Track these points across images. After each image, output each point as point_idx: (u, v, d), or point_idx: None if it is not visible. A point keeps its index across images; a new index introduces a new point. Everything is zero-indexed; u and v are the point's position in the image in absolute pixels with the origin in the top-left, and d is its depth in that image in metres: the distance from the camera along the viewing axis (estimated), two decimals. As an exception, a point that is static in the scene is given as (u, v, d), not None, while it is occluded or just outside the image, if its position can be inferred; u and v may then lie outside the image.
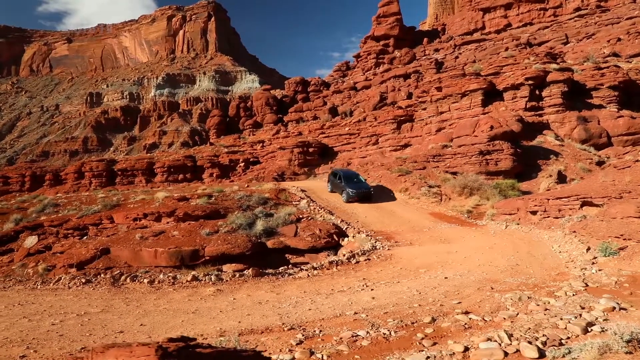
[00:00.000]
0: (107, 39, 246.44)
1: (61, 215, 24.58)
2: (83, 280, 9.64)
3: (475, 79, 35.43)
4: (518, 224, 16.00)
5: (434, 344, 4.87)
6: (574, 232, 12.19)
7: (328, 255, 16.92)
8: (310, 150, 57.56)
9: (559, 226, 13.75)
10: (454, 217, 19.91)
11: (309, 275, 10.22)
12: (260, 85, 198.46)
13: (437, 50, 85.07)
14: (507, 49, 71.01)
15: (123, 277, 10.21)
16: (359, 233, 17.85)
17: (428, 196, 23.48)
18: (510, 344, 4.86)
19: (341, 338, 5.10)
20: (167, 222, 19.21)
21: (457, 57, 76.90)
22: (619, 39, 54.14)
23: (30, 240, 21.92)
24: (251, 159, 66.05)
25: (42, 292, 8.62)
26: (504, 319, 5.60)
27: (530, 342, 4.85)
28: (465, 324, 5.54)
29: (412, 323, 5.71)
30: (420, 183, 24.86)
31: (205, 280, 9.92)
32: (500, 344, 4.86)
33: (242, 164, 66.01)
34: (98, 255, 17.76)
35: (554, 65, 35.55)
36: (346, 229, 18.39)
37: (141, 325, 6.25)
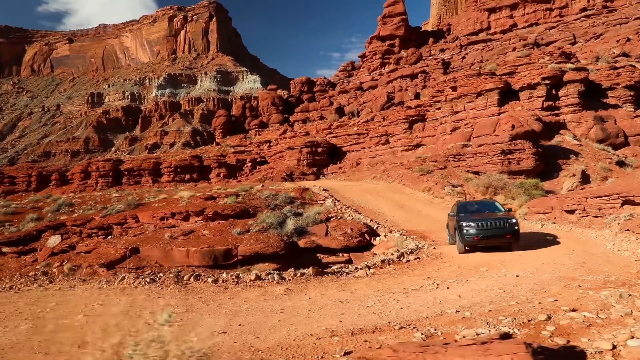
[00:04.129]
0: (108, 39, 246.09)
1: (84, 215, 24.39)
2: (147, 280, 9.50)
3: (491, 78, 35.33)
4: (554, 223, 15.89)
5: (567, 341, 4.73)
6: (627, 230, 12.09)
7: (362, 254, 16.77)
8: (319, 150, 57.43)
9: (604, 225, 13.67)
10: (482, 217, 19.75)
11: (368, 274, 10.07)
12: (261, 86, 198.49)
13: (443, 50, 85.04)
14: (514, 49, 71.03)
15: (186, 277, 10.07)
16: (390, 232, 17.69)
17: (452, 195, 23.37)
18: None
19: (464, 336, 4.97)
20: (196, 222, 19.04)
21: (464, 58, 76.88)
22: (629, 39, 54.14)
23: (54, 240, 21.72)
24: (258, 159, 65.94)
25: (111, 291, 8.46)
26: (621, 316, 5.48)
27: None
28: (583, 321, 5.42)
29: (529, 321, 5.58)
30: (443, 182, 24.75)
31: (268, 279, 9.77)
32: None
33: (249, 164, 65.87)
34: (128, 254, 17.61)
35: (570, 65, 35.47)
36: (377, 228, 18.24)
37: (240, 325, 6.10)
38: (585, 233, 13.78)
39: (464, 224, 12.71)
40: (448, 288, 8.08)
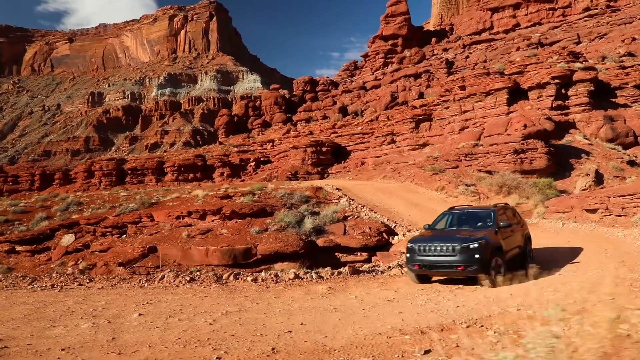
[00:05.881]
0: (108, 39, 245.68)
1: (96, 214, 24.29)
2: (187, 279, 9.41)
3: (500, 77, 35.29)
4: (575, 222, 15.84)
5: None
6: (658, 229, 12.08)
7: (388, 253, 16.72)
8: (324, 149, 57.37)
9: (629, 224, 13.61)
10: (498, 216, 19.71)
11: (403, 273, 9.99)
12: (262, 85, 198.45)
13: (446, 50, 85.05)
14: (518, 48, 71.06)
15: (226, 275, 9.99)
16: (409, 231, 17.62)
17: (466, 194, 23.30)
18: None
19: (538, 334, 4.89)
20: (212, 220, 18.93)
21: (467, 57, 76.88)
22: (634, 39, 54.14)
23: (67, 239, 21.61)
24: (262, 159, 65.87)
25: (154, 290, 8.37)
26: None
27: None
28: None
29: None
30: (456, 182, 24.68)
31: (307, 277, 9.70)
32: None
33: (252, 164, 65.79)
34: (145, 253, 17.52)
35: (579, 64, 35.45)
36: (394, 227, 18.16)
37: (302, 324, 6.02)
38: (611, 232, 13.73)
39: (409, 245, 9.81)
40: (493, 287, 8.04)
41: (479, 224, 10.56)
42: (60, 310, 6.70)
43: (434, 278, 9.89)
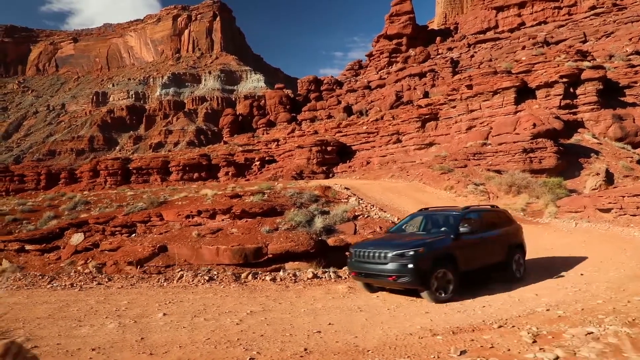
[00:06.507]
0: (112, 39, 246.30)
1: (105, 213, 24.30)
2: (206, 278, 9.40)
3: (508, 76, 35.13)
4: (589, 222, 15.74)
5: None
6: (677, 229, 11.97)
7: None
8: (329, 149, 57.35)
9: (646, 224, 13.53)
10: (509, 215, 19.62)
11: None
12: (265, 85, 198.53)
13: (450, 49, 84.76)
14: (524, 47, 70.74)
15: (244, 275, 9.97)
16: (420, 231, 17.49)
17: (475, 194, 23.21)
18: None
19: (573, 335, 4.84)
20: (222, 220, 18.91)
21: (472, 56, 76.59)
22: (642, 37, 53.75)
23: (77, 238, 21.63)
24: (266, 158, 65.91)
25: (174, 289, 8.34)
26: None
27: None
28: None
29: (633, 320, 5.42)
30: (465, 181, 24.58)
31: (325, 277, 9.66)
32: None
33: (257, 163, 65.86)
34: (156, 252, 17.52)
35: (587, 63, 35.26)
36: (405, 226, 18.04)
37: (329, 324, 5.98)
38: (627, 232, 13.62)
39: (350, 250, 8.97)
40: (514, 287, 7.96)
41: (444, 228, 9.28)
42: (84, 310, 6.68)
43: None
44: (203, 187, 37.72)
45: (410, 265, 7.69)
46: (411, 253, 7.83)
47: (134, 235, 21.06)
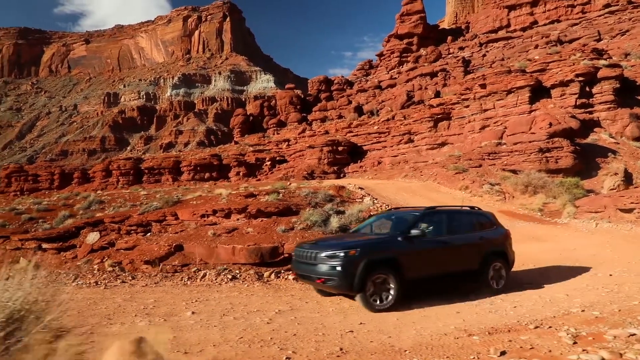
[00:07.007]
0: (123, 40, 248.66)
1: (120, 212, 24.48)
2: (229, 277, 9.41)
3: (522, 75, 34.76)
4: (609, 222, 15.49)
5: None
6: None
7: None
8: (340, 149, 57.28)
9: (671, 224, 13.27)
10: (526, 215, 19.39)
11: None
12: (275, 85, 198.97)
13: (462, 48, 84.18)
14: (537, 46, 70.03)
15: (267, 274, 9.97)
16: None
17: (491, 194, 22.99)
18: None
19: (615, 337, 4.72)
20: (237, 219, 18.92)
21: (484, 55, 76.00)
22: (658, 36, 52.87)
23: (92, 237, 21.79)
24: (277, 158, 66.01)
25: (198, 288, 8.37)
26: None
27: None
28: None
29: None
30: (480, 181, 24.36)
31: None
32: None
33: (268, 163, 65.98)
34: (172, 251, 17.59)
35: (603, 61, 34.77)
36: (421, 226, 17.89)
37: (360, 323, 5.93)
38: (651, 232, 13.43)
39: (297, 249, 8.37)
40: (544, 287, 7.85)
41: (396, 231, 8.32)
42: (112, 307, 6.70)
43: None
44: (215, 187, 37.90)
45: (339, 268, 7.09)
46: (341, 254, 7.20)
47: (149, 234, 21.19)
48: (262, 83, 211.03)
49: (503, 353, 4.51)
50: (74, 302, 6.96)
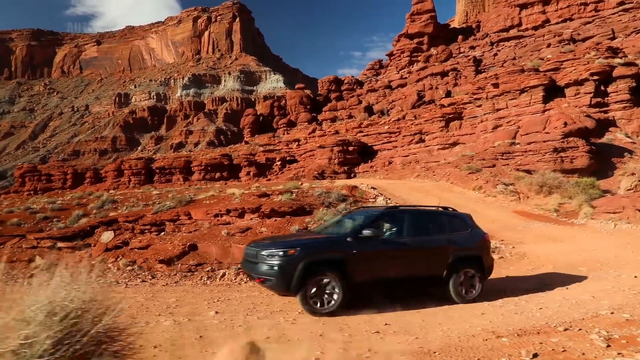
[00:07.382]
0: (134, 41, 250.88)
1: (134, 211, 24.66)
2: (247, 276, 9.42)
3: (535, 74, 34.40)
4: (628, 223, 15.25)
5: None
6: None
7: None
8: (350, 148, 57.19)
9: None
10: (542, 216, 19.17)
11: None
12: (284, 85, 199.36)
13: (473, 47, 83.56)
14: (549, 45, 69.28)
15: None
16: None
17: (505, 194, 22.77)
18: None
19: None
20: (251, 219, 18.95)
21: (495, 55, 75.37)
22: (674, 34, 51.97)
23: (107, 236, 21.97)
24: (287, 158, 66.08)
25: (218, 287, 8.40)
26: None
27: None
28: None
29: None
30: (494, 181, 24.15)
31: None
32: None
33: (278, 163, 66.07)
34: (186, 250, 17.67)
35: (618, 60, 34.27)
36: (435, 226, 17.76)
37: (385, 324, 5.89)
38: (673, 233, 13.19)
39: (246, 247, 8.00)
40: (567, 288, 7.74)
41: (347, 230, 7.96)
42: (135, 307, 6.73)
43: None
44: (227, 187, 38.03)
45: (276, 268, 6.75)
46: (280, 253, 6.84)
47: (162, 233, 21.31)
48: (272, 83, 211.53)
49: (535, 355, 4.44)
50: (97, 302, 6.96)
